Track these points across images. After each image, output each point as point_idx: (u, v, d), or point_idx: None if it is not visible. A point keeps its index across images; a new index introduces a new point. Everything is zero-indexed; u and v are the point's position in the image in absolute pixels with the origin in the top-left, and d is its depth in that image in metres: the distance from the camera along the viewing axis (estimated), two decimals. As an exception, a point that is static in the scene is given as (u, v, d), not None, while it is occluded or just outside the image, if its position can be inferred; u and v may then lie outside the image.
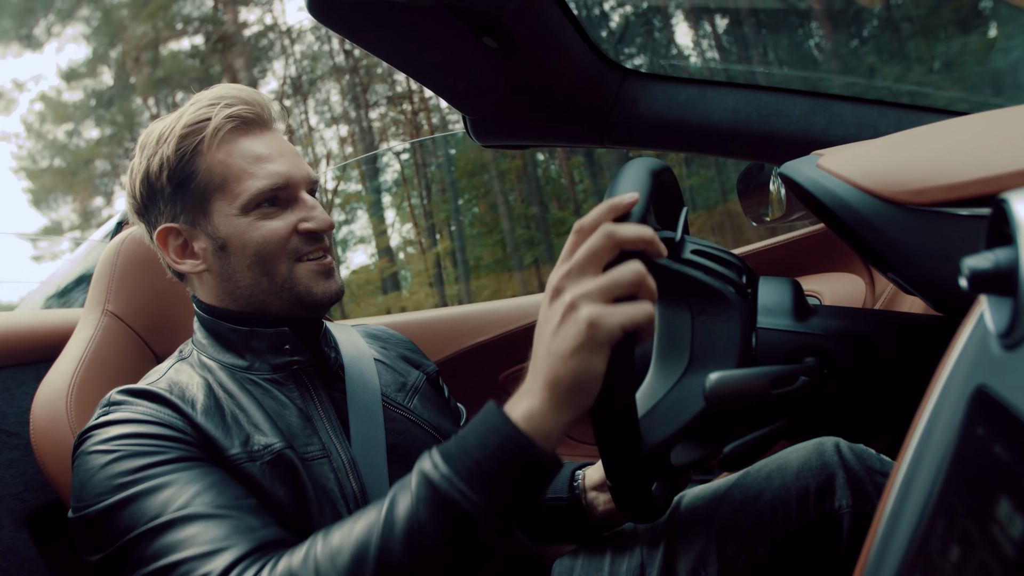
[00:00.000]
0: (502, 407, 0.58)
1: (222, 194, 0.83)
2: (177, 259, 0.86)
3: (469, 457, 0.57)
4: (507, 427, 0.56)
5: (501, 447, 0.56)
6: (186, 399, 0.78)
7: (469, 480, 0.56)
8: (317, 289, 0.85)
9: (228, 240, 0.83)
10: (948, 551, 0.28)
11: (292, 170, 0.85)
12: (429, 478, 0.58)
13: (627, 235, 0.55)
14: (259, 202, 0.83)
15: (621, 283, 0.54)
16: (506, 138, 1.13)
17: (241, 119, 0.84)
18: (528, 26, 0.88)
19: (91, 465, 0.71)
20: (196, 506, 0.66)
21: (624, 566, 0.88)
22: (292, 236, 0.84)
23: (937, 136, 0.57)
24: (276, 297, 0.85)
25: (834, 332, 0.60)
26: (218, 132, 0.82)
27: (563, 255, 0.57)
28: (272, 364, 0.85)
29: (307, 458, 0.79)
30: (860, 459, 0.79)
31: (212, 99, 0.84)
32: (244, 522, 0.66)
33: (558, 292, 0.56)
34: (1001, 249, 0.30)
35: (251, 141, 0.85)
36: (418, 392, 0.98)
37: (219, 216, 0.83)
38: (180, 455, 0.71)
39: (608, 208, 0.56)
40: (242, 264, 0.84)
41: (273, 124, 0.89)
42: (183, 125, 0.83)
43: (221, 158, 0.83)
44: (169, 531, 0.65)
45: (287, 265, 0.84)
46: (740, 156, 1.04)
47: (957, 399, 0.32)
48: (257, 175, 0.83)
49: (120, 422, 0.74)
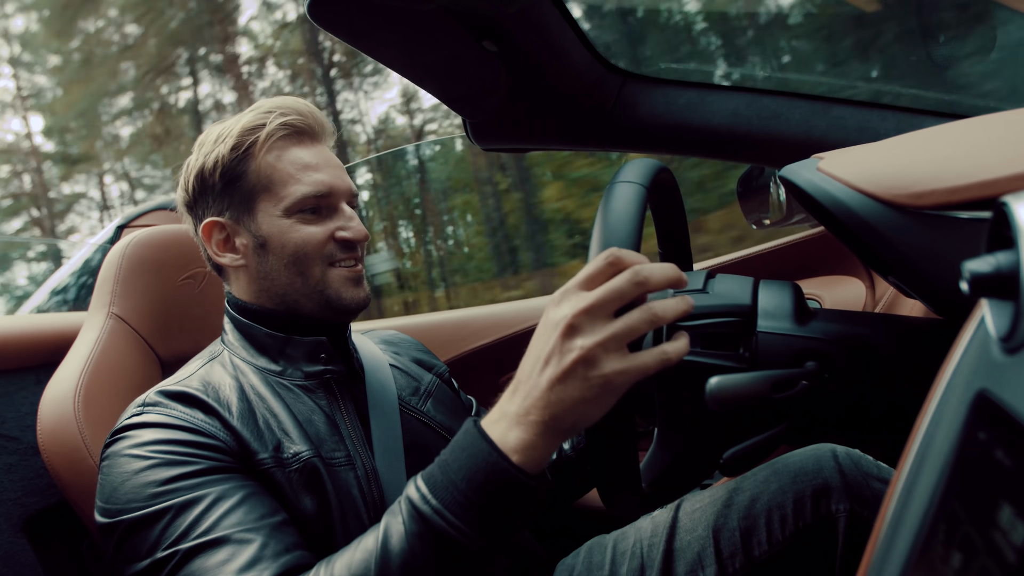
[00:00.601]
0: (485, 431, 0.57)
1: (268, 195, 0.87)
2: (219, 252, 0.90)
3: (458, 490, 0.57)
4: (494, 456, 0.56)
5: (488, 480, 0.56)
6: (221, 401, 0.80)
7: (460, 514, 0.56)
8: (347, 295, 0.88)
9: (268, 239, 0.87)
10: (950, 557, 0.28)
11: (335, 181, 0.89)
12: (420, 512, 0.58)
13: (658, 282, 0.53)
14: (301, 207, 0.86)
15: (637, 331, 0.53)
16: (506, 142, 1.13)
17: (294, 128, 0.89)
18: (528, 29, 0.88)
19: (124, 469, 0.72)
20: (225, 527, 0.67)
21: (624, 567, 0.89)
22: (328, 242, 0.87)
23: (938, 139, 0.56)
24: (308, 298, 0.88)
25: (835, 336, 0.60)
26: (270, 137, 0.87)
27: (582, 280, 0.55)
28: (305, 372, 0.88)
29: (333, 464, 0.81)
30: (856, 464, 0.80)
31: (271, 107, 0.89)
32: (270, 548, 0.67)
33: (572, 331, 0.53)
34: (1002, 252, 0.30)
35: (301, 150, 0.89)
36: (431, 396, 1.01)
37: (263, 215, 0.87)
38: (213, 465, 0.73)
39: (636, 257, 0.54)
40: (279, 263, 0.87)
41: (324, 138, 0.94)
42: (241, 128, 0.88)
43: (271, 161, 0.87)
44: (198, 557, 0.66)
45: (321, 268, 0.87)
46: (740, 159, 1.04)
47: (958, 403, 0.32)
48: (303, 181, 0.87)
49: (155, 425, 0.75)
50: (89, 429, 0.91)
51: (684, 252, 0.82)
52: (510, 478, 0.55)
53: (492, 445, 0.56)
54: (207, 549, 0.66)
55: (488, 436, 0.57)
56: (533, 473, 0.56)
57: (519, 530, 0.60)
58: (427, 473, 0.60)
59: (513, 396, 0.57)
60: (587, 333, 0.52)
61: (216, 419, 0.77)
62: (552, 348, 0.54)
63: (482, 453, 0.56)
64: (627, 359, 0.52)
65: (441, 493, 0.57)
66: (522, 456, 0.55)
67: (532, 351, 0.56)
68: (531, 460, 0.56)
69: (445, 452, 0.60)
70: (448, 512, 0.56)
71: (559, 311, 0.54)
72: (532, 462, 0.56)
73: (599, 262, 0.54)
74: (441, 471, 0.59)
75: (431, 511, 0.57)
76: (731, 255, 1.49)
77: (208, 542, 0.66)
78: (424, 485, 0.59)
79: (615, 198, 0.58)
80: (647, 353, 0.53)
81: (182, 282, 1.12)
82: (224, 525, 0.67)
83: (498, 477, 0.55)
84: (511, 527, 0.58)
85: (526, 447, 0.55)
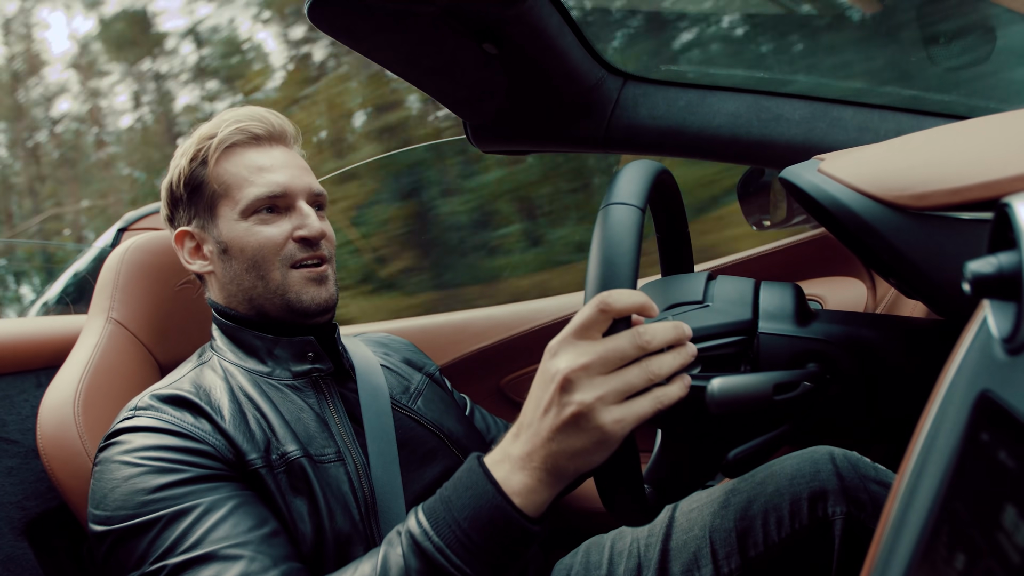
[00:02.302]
0: (490, 472, 0.58)
1: (226, 200, 0.88)
2: (189, 260, 0.92)
3: (461, 529, 0.57)
4: (498, 500, 0.56)
5: (491, 522, 0.56)
6: (212, 404, 0.80)
7: (461, 553, 0.57)
8: (307, 296, 0.88)
9: (229, 244, 0.88)
10: (953, 559, 0.28)
11: (291, 180, 0.89)
12: (421, 547, 0.58)
13: (659, 344, 0.53)
14: (256, 208, 0.87)
15: (634, 388, 0.53)
16: (506, 144, 1.13)
17: (249, 133, 0.90)
18: (528, 31, 0.88)
19: (115, 476, 0.72)
20: (214, 542, 0.67)
21: (622, 567, 0.90)
22: (287, 242, 0.88)
23: (939, 140, 0.56)
24: (270, 302, 0.88)
25: (836, 337, 0.60)
26: (223, 144, 0.88)
27: (577, 328, 0.54)
28: (293, 371, 0.88)
29: (322, 461, 0.81)
30: (854, 467, 0.80)
31: (227, 117, 0.91)
32: (258, 561, 0.67)
33: (568, 385, 0.53)
34: (1004, 253, 0.30)
35: (256, 153, 0.90)
36: (421, 394, 1.01)
37: (223, 221, 0.88)
38: (203, 473, 0.73)
39: (641, 305, 0.53)
40: (240, 267, 0.88)
41: (285, 141, 0.94)
42: (198, 137, 0.90)
43: (226, 167, 0.88)
44: (185, 573, 0.66)
45: (281, 271, 0.87)
46: (741, 161, 1.04)
47: (960, 404, 0.31)
48: (256, 183, 0.87)
49: (146, 430, 0.76)
50: (89, 433, 0.91)
51: (684, 253, 0.82)
52: (513, 521, 0.56)
53: (497, 487, 0.57)
54: (195, 565, 0.66)
55: (493, 477, 0.57)
56: (535, 517, 0.57)
57: (515, 570, 0.61)
58: (429, 508, 0.60)
59: (516, 439, 0.58)
60: (584, 389, 0.52)
61: (207, 422, 0.78)
62: (550, 399, 0.54)
63: (487, 495, 0.57)
64: (623, 407, 0.52)
65: (443, 530, 0.58)
66: (524, 500, 0.56)
67: (532, 396, 0.57)
68: (533, 504, 0.56)
69: (448, 488, 0.60)
70: (449, 551, 0.57)
71: (555, 363, 0.54)
72: (534, 506, 0.56)
73: (592, 310, 0.53)
74: (444, 507, 0.59)
75: (432, 548, 0.58)
76: (732, 256, 1.49)
77: (196, 558, 0.66)
78: (426, 520, 0.59)
79: (610, 226, 0.55)
80: (643, 400, 0.53)
81: (180, 287, 1.12)
82: (213, 539, 0.67)
83: (501, 520, 0.56)
84: (509, 568, 0.59)
85: (529, 491, 0.56)
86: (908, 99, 0.97)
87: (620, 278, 0.53)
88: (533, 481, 0.56)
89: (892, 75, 1.20)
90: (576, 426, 0.53)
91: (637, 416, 0.52)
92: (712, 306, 0.63)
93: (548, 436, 0.54)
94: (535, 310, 1.57)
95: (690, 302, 0.64)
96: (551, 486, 0.56)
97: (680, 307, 0.64)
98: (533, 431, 0.56)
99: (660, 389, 0.54)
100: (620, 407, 0.52)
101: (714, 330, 0.61)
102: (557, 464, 0.55)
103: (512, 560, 0.58)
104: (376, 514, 0.81)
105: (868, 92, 1.14)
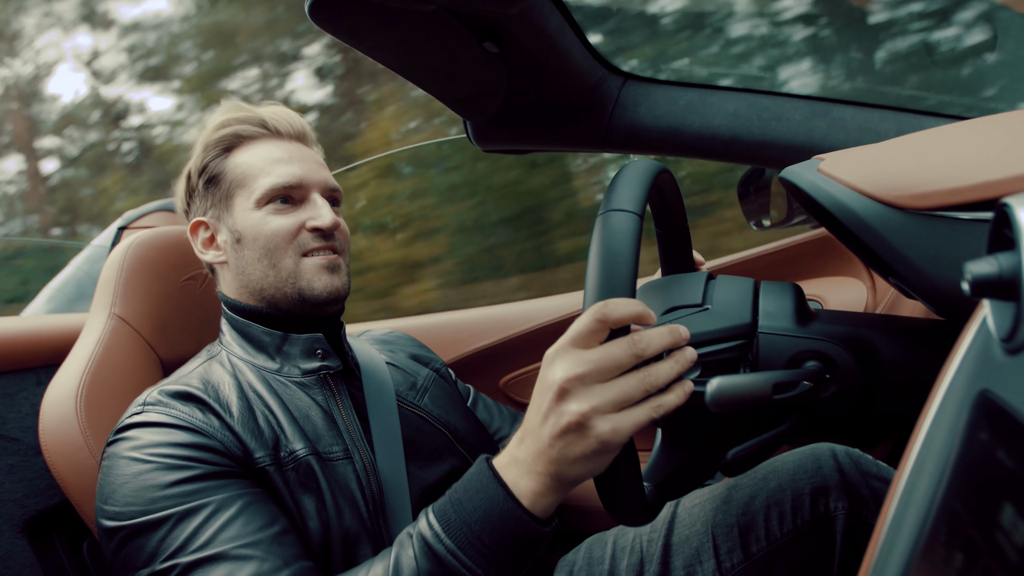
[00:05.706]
0: (499, 475, 0.58)
1: (242, 190, 0.90)
2: (203, 249, 0.93)
3: (472, 532, 0.58)
4: (508, 503, 0.57)
5: (503, 524, 0.57)
6: (220, 401, 0.80)
7: (473, 555, 0.58)
8: (319, 283, 0.88)
9: (243, 233, 0.89)
10: (952, 557, 0.28)
11: (307, 173, 0.91)
12: (433, 550, 0.59)
13: (655, 350, 0.53)
14: (271, 197, 0.88)
15: (632, 398, 0.53)
16: (507, 143, 1.13)
17: (269, 127, 0.93)
18: (529, 30, 0.88)
19: (124, 471, 0.72)
20: (224, 541, 0.67)
21: (624, 562, 0.90)
22: (300, 232, 0.88)
23: (939, 140, 0.56)
24: (282, 292, 0.88)
25: (836, 336, 0.60)
26: (245, 137, 0.91)
27: (574, 337, 0.54)
28: (302, 368, 0.88)
29: (331, 459, 0.81)
30: (856, 463, 0.81)
31: (247, 110, 0.93)
32: (269, 561, 0.67)
33: (565, 395, 0.53)
34: (1003, 254, 0.30)
35: (273, 147, 0.92)
36: (427, 391, 1.02)
37: (238, 210, 0.90)
38: (212, 469, 0.73)
39: (638, 314, 0.53)
40: (253, 256, 0.88)
41: (303, 138, 0.96)
42: (220, 131, 0.92)
43: (244, 158, 0.90)
44: (195, 572, 0.66)
45: (293, 259, 0.88)
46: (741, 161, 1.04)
47: (960, 404, 0.32)
48: (272, 173, 0.89)
49: (156, 425, 0.76)
50: (91, 430, 0.91)
51: (685, 253, 0.82)
52: (524, 524, 0.57)
53: (507, 490, 0.58)
54: (206, 564, 0.66)
55: (503, 480, 0.58)
56: (543, 519, 0.58)
57: (525, 571, 0.61)
58: (439, 510, 0.61)
59: (521, 443, 0.58)
60: (580, 399, 0.53)
61: (216, 418, 0.77)
62: (548, 408, 0.54)
63: (497, 498, 0.58)
64: (619, 416, 0.52)
65: (455, 533, 0.58)
66: (533, 503, 0.57)
67: (534, 403, 0.57)
68: (541, 507, 0.57)
69: (458, 490, 0.61)
70: (462, 553, 0.58)
71: (553, 372, 0.54)
72: (542, 508, 0.57)
73: (589, 320, 0.53)
74: (455, 510, 0.60)
75: (445, 551, 0.58)
76: (732, 256, 1.49)
77: (207, 558, 0.66)
78: (437, 522, 0.60)
79: (609, 234, 0.55)
80: (640, 409, 0.53)
81: (183, 283, 1.12)
82: (223, 539, 0.67)
83: (512, 523, 0.57)
84: (519, 569, 0.60)
85: (537, 495, 0.57)
86: (908, 99, 0.97)
87: (618, 287, 0.53)
88: (540, 485, 0.57)
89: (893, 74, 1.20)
90: (573, 435, 0.53)
91: (633, 425, 0.52)
92: (712, 309, 0.63)
93: (548, 443, 0.55)
94: (536, 309, 1.57)
95: (689, 305, 0.64)
96: (556, 490, 0.57)
97: (679, 310, 0.64)
98: (535, 436, 0.56)
99: (658, 397, 0.54)
100: (616, 416, 0.52)
101: (714, 335, 0.61)
102: (560, 470, 0.55)
103: (523, 561, 0.59)
104: (384, 512, 0.81)
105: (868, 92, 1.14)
